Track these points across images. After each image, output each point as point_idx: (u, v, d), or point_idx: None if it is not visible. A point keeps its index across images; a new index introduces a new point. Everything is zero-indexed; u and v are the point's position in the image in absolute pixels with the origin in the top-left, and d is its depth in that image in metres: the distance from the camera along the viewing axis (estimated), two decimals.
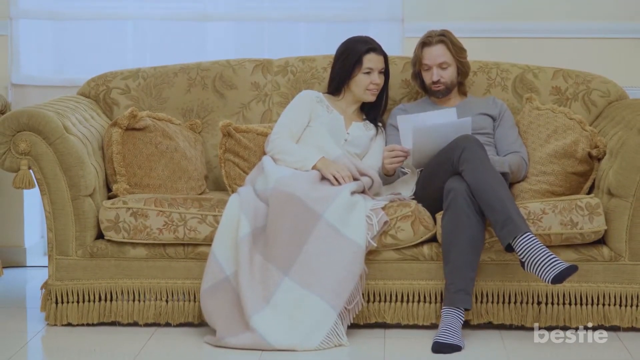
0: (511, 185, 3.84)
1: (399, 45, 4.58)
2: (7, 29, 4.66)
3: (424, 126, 3.71)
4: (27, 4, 4.68)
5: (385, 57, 4.02)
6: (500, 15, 4.58)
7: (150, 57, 4.69)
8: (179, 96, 4.25)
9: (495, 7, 4.57)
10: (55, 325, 3.74)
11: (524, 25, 4.58)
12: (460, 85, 4.09)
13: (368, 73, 3.96)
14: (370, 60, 3.96)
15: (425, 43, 4.02)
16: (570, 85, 4.16)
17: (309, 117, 3.96)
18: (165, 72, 4.27)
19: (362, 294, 3.62)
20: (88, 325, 3.75)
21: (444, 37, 3.99)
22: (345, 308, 3.55)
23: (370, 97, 4.00)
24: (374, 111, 4.08)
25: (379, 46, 4.00)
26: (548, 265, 3.38)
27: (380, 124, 4.10)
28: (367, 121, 4.07)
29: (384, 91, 4.06)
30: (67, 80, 4.67)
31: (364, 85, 3.97)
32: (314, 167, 3.78)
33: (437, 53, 3.99)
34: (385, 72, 4.02)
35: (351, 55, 3.96)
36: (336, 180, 3.73)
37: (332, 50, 4.26)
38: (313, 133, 3.94)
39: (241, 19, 4.71)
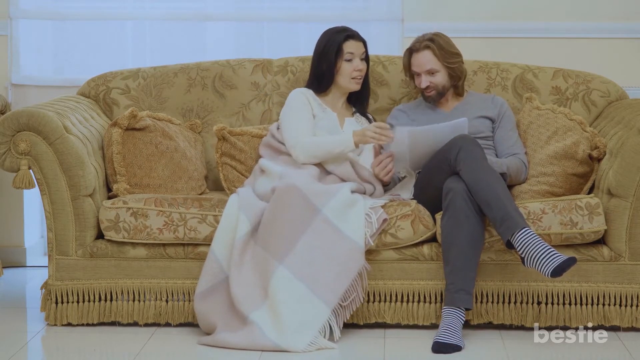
0: (511, 187, 3.84)
1: (399, 45, 4.58)
2: (7, 29, 4.66)
3: (419, 129, 3.70)
4: (27, 4, 4.68)
5: (365, 43, 3.99)
6: (500, 15, 4.58)
7: (150, 57, 4.69)
8: (179, 96, 4.25)
9: (495, 7, 4.57)
10: (55, 325, 3.74)
11: (524, 25, 4.58)
12: (455, 88, 4.06)
13: (350, 60, 3.93)
14: (350, 46, 3.93)
15: (412, 50, 3.98)
16: (570, 85, 4.16)
17: (312, 115, 3.95)
18: (165, 72, 4.27)
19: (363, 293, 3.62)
20: (88, 325, 3.75)
21: (430, 43, 3.93)
22: (340, 305, 3.55)
23: (356, 86, 3.97)
24: (361, 101, 4.06)
25: (357, 33, 3.97)
26: (547, 259, 3.38)
27: (370, 116, 4.08)
28: (358, 114, 4.06)
29: (366, 78, 4.03)
30: (67, 80, 4.67)
31: (348, 73, 3.93)
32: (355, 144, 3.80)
33: (424, 60, 3.94)
34: (366, 58, 3.99)
35: (331, 47, 3.92)
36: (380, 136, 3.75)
37: None
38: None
39: (241, 19, 4.71)
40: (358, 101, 4.07)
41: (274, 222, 3.57)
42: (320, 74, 3.97)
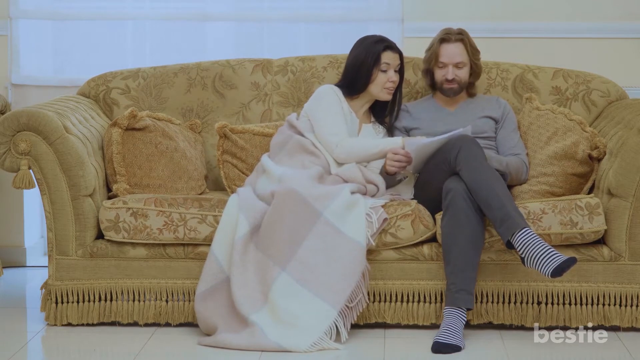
0: (511, 187, 3.83)
1: (398, 45, 4.56)
2: (7, 29, 4.66)
3: (425, 141, 3.67)
4: (27, 4, 4.68)
5: (401, 55, 3.98)
6: (500, 15, 4.58)
7: (150, 57, 4.69)
8: (179, 96, 4.25)
9: (495, 7, 4.57)
10: (55, 325, 3.74)
11: (524, 25, 4.57)
12: (470, 86, 4.07)
13: (385, 71, 3.91)
14: (387, 57, 3.91)
15: (444, 39, 3.99)
16: (570, 85, 4.16)
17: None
18: (165, 72, 4.27)
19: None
20: (88, 325, 3.75)
21: (462, 36, 3.98)
22: (347, 306, 3.55)
23: (387, 96, 3.95)
24: (383, 112, 4.05)
25: (394, 44, 3.96)
26: (547, 259, 3.38)
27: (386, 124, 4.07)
28: (376, 122, 4.05)
29: (397, 91, 4.01)
30: (67, 80, 4.67)
31: (382, 83, 3.91)
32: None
33: (455, 52, 3.97)
34: (400, 71, 3.98)
35: (370, 56, 3.89)
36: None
37: (332, 50, 4.26)
38: None
39: (241, 19, 4.71)
40: (381, 110, 4.05)
41: (274, 228, 3.56)
42: (355, 80, 3.93)
